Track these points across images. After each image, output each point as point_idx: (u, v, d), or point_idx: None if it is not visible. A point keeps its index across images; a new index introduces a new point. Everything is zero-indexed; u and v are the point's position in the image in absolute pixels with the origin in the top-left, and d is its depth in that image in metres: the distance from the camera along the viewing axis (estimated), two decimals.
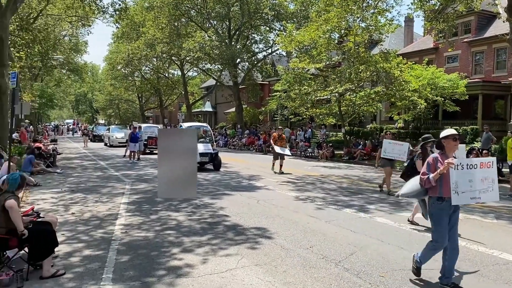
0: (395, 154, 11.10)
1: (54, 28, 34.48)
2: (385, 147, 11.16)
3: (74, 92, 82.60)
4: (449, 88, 23.03)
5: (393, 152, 11.09)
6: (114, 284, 4.88)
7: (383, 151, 11.17)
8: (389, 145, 11.16)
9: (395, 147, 11.15)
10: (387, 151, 11.11)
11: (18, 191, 5.31)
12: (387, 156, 11.15)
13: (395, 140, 12.04)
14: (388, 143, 11.21)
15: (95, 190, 11.73)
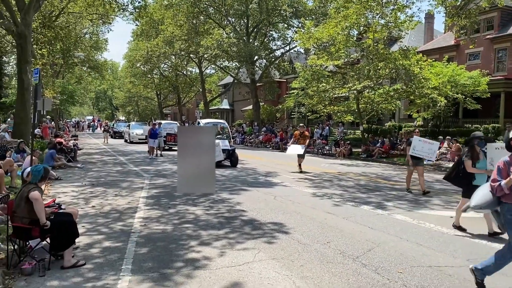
0: (424, 153, 10.71)
1: (75, 26, 35.04)
2: (415, 144, 10.71)
3: (94, 89, 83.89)
4: (470, 86, 22.60)
5: (422, 151, 10.68)
6: (133, 275, 4.95)
7: (412, 148, 10.70)
8: (418, 143, 10.74)
9: (425, 145, 10.76)
10: (416, 149, 10.68)
11: (41, 183, 5.43)
12: (415, 154, 10.71)
13: (424, 138, 11.58)
14: (418, 141, 10.77)
15: (115, 184, 11.90)
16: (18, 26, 17.43)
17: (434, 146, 10.89)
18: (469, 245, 6.32)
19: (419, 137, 11.04)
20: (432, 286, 4.70)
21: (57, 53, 32.56)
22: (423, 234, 6.90)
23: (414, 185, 11.72)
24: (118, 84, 72.26)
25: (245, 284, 4.70)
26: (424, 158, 11.02)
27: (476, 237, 6.74)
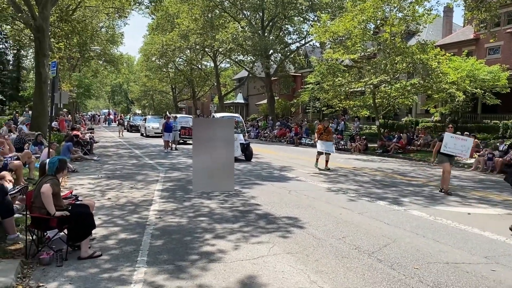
0: (457, 150, 10.11)
1: (91, 20, 35.36)
2: (447, 141, 10.08)
3: (110, 82, 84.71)
4: (490, 81, 22.15)
5: (455, 148, 10.06)
6: (148, 266, 4.99)
7: (444, 145, 10.05)
8: (451, 140, 10.11)
9: (458, 142, 10.13)
10: (448, 146, 10.05)
11: (58, 174, 5.50)
12: (447, 151, 10.07)
13: (457, 135, 10.96)
14: (451, 137, 10.14)
15: (130, 177, 12.01)
16: (36, 20, 17.65)
17: (468, 142, 10.26)
18: (487, 242, 6.21)
19: (451, 133, 10.42)
20: (449, 282, 4.63)
21: (74, 46, 32.95)
22: (440, 230, 6.80)
23: (432, 181, 11.56)
24: (133, 78, 72.82)
25: (260, 277, 4.69)
26: (457, 156, 10.54)
27: (495, 234, 6.61)
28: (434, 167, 16.90)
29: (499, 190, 11.32)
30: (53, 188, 5.21)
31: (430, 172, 14.96)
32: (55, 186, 5.30)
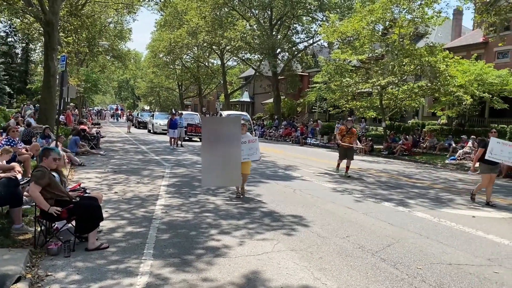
0: (504, 157, 9.30)
1: (100, 15, 35.55)
2: (492, 147, 9.25)
3: (117, 78, 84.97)
4: (498, 85, 22.04)
5: (501, 155, 9.25)
6: (155, 259, 5.06)
7: (489, 151, 9.21)
8: (497, 145, 9.28)
9: (505, 148, 9.30)
10: (494, 153, 9.22)
11: (43, 163, 5.56)
12: (493, 158, 9.24)
13: (504, 140, 10.14)
14: (497, 143, 9.32)
15: (137, 172, 12.10)
16: (46, 14, 17.80)
17: None
18: (491, 245, 6.23)
19: (498, 139, 9.57)
20: (451, 283, 4.66)
21: (82, 41, 33.11)
22: (444, 232, 6.83)
23: (437, 184, 11.54)
24: (140, 74, 72.98)
25: (264, 273, 4.75)
26: (505, 163, 9.83)
27: (498, 237, 6.63)
28: (439, 170, 16.88)
29: (505, 194, 11.31)
30: (39, 183, 5.20)
31: (435, 175, 14.95)
32: (42, 178, 5.24)
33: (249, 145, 8.88)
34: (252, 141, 9.02)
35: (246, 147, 8.69)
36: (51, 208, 5.14)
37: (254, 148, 8.94)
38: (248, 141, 8.92)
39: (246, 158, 8.74)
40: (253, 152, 8.93)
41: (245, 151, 8.65)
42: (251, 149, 8.88)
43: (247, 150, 8.76)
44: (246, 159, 8.78)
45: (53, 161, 5.57)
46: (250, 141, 8.97)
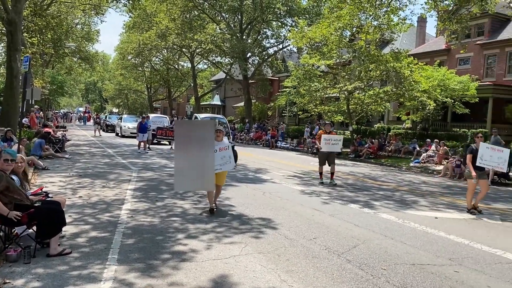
0: (493, 163, 8.96)
1: (67, 16, 34.73)
2: (482, 153, 8.84)
3: (84, 80, 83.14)
4: (460, 90, 22.87)
5: (491, 160, 8.90)
6: (119, 264, 4.96)
7: (480, 158, 8.81)
8: (486, 151, 8.92)
9: (494, 153, 8.96)
10: (484, 159, 8.84)
11: None
12: (484, 164, 8.90)
13: (492, 145, 9.78)
14: (486, 148, 8.97)
15: (102, 176, 11.85)
16: (8, 13, 17.23)
17: (504, 154, 9.05)
18: (452, 245, 6.43)
19: (486, 144, 9.28)
20: (414, 283, 4.78)
21: (48, 42, 32.23)
22: (407, 233, 7.00)
23: (402, 186, 11.81)
24: (108, 76, 71.72)
25: (231, 276, 4.74)
26: (494, 168, 9.53)
27: (459, 237, 6.85)
28: (404, 173, 17.32)
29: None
30: None
31: (400, 178, 15.33)
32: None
33: (221, 154, 7.73)
34: (224, 148, 7.80)
35: (217, 156, 7.62)
36: (10, 213, 4.95)
37: (227, 156, 7.80)
38: (220, 149, 7.71)
39: (218, 169, 7.65)
40: (226, 161, 7.79)
41: (217, 161, 7.60)
42: (224, 157, 7.76)
43: (219, 160, 7.66)
44: (219, 170, 7.67)
45: (4, 163, 5.33)
46: (222, 149, 7.76)
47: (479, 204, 9.36)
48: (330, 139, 12.40)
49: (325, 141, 12.31)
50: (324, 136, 12.33)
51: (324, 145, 12.33)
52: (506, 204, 10.65)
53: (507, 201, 11.33)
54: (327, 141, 12.32)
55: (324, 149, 12.33)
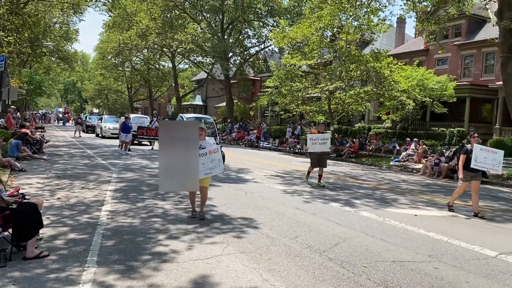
0: (488, 165, 8.73)
1: (44, 14, 34.05)
2: (476, 155, 8.60)
3: (63, 80, 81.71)
4: (438, 90, 23.29)
5: (485, 162, 8.67)
6: (98, 266, 4.88)
7: (474, 159, 8.57)
8: (480, 153, 8.68)
9: (488, 155, 8.76)
10: (479, 160, 8.60)
11: None
12: (478, 166, 8.64)
13: (486, 146, 9.55)
14: (480, 150, 8.73)
15: (82, 177, 11.65)
16: None
17: (498, 155, 8.91)
18: (431, 242, 6.52)
19: (480, 145, 9.01)
20: (394, 280, 4.83)
21: (25, 41, 31.48)
22: (388, 230, 7.08)
23: (382, 185, 11.95)
24: (88, 76, 70.65)
25: (212, 277, 4.70)
26: (489, 171, 9.20)
27: (438, 234, 6.96)
28: (384, 171, 17.53)
29: (445, 194, 11.91)
30: None
31: (380, 176, 15.51)
32: None
33: (211, 157, 7.23)
34: (214, 151, 7.29)
35: (207, 160, 7.16)
36: None
37: (216, 159, 7.32)
38: (210, 151, 7.24)
39: (208, 173, 7.24)
40: (216, 165, 7.29)
41: (206, 164, 7.16)
42: (213, 161, 7.26)
43: (209, 163, 7.18)
44: (209, 174, 7.27)
45: None
46: (212, 152, 7.26)
47: (456, 202, 9.52)
48: (317, 139, 11.83)
49: (311, 141, 11.87)
50: (310, 136, 11.88)
51: (311, 146, 11.84)
52: (483, 201, 10.87)
53: (483, 198, 11.56)
54: (313, 141, 11.84)
55: (311, 150, 11.85)
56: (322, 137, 11.99)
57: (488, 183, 14.72)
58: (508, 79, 15.18)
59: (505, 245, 6.56)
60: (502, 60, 15.56)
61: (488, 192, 12.91)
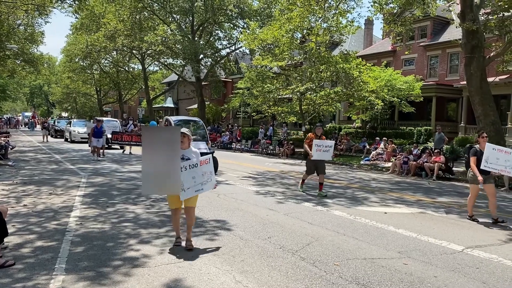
0: (500, 166, 8.03)
1: (8, 16, 32.99)
2: (488, 155, 7.97)
3: (29, 84, 79.41)
4: (405, 90, 23.87)
5: (497, 163, 7.99)
6: (67, 274, 4.75)
7: (485, 160, 7.93)
8: (492, 153, 8.02)
9: (501, 155, 8.05)
10: (490, 161, 7.96)
11: None
12: (489, 168, 7.98)
13: (499, 146, 8.69)
14: (492, 150, 8.06)
15: (49, 182, 11.34)
16: None
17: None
18: (401, 238, 6.67)
19: (493, 145, 8.32)
20: (365, 277, 4.91)
21: None
22: (359, 228, 7.19)
23: (353, 184, 12.11)
24: (55, 80, 68.80)
25: (185, 280, 4.66)
26: (500, 173, 8.38)
27: (408, 231, 7.12)
28: (355, 170, 17.80)
29: (413, 191, 12.21)
30: None
31: (351, 175, 15.75)
32: None
33: (202, 169, 5.87)
34: (205, 162, 5.94)
35: (197, 173, 5.82)
36: None
37: (208, 172, 5.95)
38: (201, 162, 5.89)
39: (199, 190, 5.88)
40: (208, 179, 5.94)
41: (197, 179, 5.83)
42: (204, 174, 5.90)
43: (200, 177, 5.84)
44: (199, 191, 5.92)
45: None
46: (203, 163, 5.91)
47: (423, 199, 9.76)
48: (322, 145, 10.69)
49: (316, 147, 10.59)
50: (316, 142, 10.63)
51: (315, 153, 10.60)
52: (450, 198, 11.21)
53: (450, 194, 11.93)
54: (318, 148, 10.61)
55: (315, 157, 10.60)
56: (326, 144, 10.91)
57: (454, 180, 15.17)
58: (471, 79, 15.70)
59: (471, 239, 6.78)
60: (466, 61, 16.07)
61: (454, 188, 13.30)
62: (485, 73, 15.86)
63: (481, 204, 9.70)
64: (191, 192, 5.79)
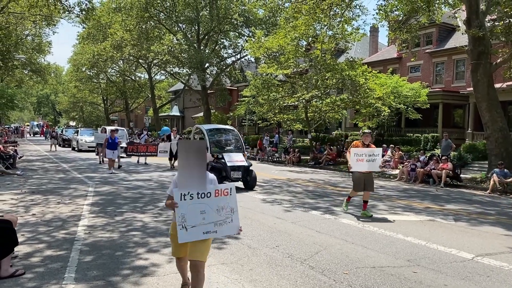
0: None
1: (16, 27, 33.42)
2: None
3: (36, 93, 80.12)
4: (412, 97, 23.81)
5: None
6: (77, 283, 4.77)
7: None
8: None
9: None
10: None
11: None
12: None
13: None
14: None
15: (57, 192, 11.40)
16: None
17: None
18: (410, 246, 6.63)
19: None
20: (375, 285, 4.88)
21: None
22: (367, 236, 7.16)
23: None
24: (62, 89, 69.38)
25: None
26: None
27: (416, 239, 7.07)
28: None
29: (421, 198, 12.13)
30: None
31: None
32: None
33: (218, 202, 4.08)
34: (223, 193, 4.14)
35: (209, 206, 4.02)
36: None
37: (227, 208, 4.14)
38: (216, 192, 4.09)
39: (210, 232, 4.02)
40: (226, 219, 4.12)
41: (209, 215, 4.01)
42: (222, 210, 4.10)
43: (213, 214, 4.03)
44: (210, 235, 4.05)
45: None
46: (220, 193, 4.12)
47: (432, 206, 9.68)
48: (364, 154, 8.87)
49: (356, 158, 8.87)
50: (354, 150, 8.96)
51: (355, 164, 8.89)
52: (458, 205, 11.12)
53: (458, 201, 11.84)
54: (359, 158, 8.87)
55: (355, 168, 8.92)
56: (371, 152, 8.98)
57: (462, 187, 15.07)
58: (478, 85, 15.65)
59: (480, 247, 6.72)
60: (472, 67, 16.03)
61: (462, 195, 13.21)
62: (492, 79, 15.81)
63: (491, 211, 9.63)
64: (196, 233, 3.90)
